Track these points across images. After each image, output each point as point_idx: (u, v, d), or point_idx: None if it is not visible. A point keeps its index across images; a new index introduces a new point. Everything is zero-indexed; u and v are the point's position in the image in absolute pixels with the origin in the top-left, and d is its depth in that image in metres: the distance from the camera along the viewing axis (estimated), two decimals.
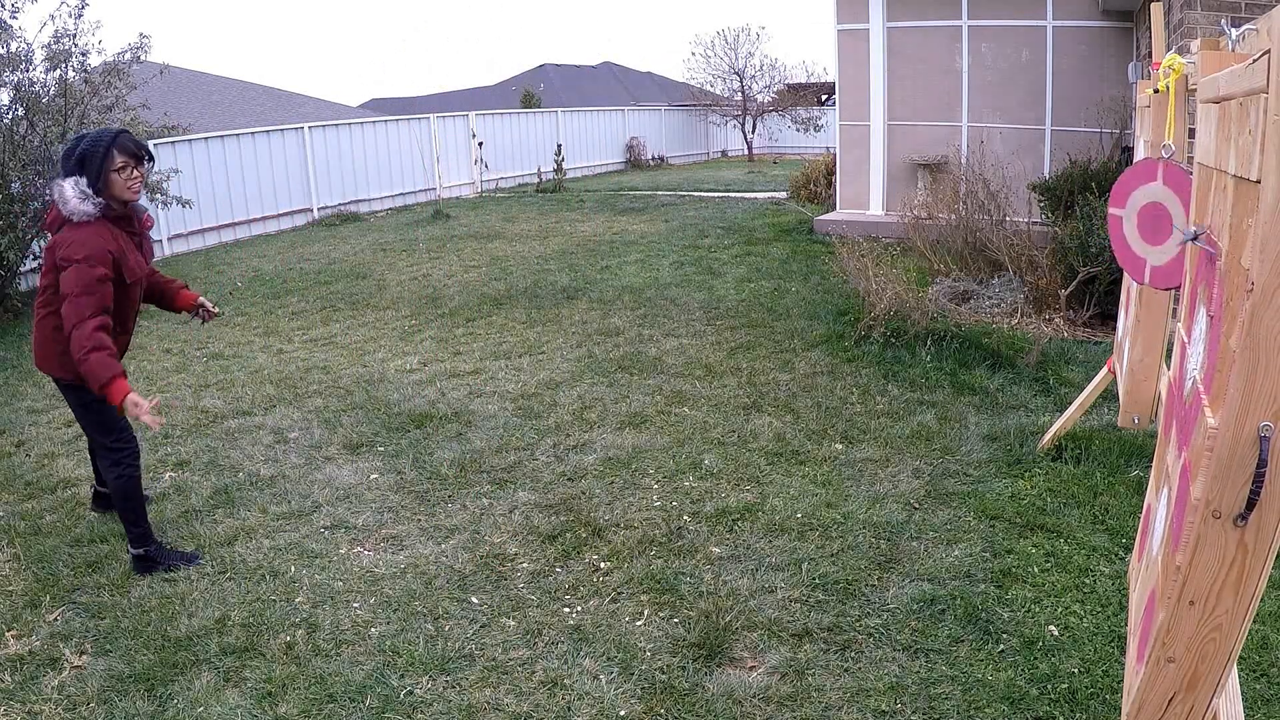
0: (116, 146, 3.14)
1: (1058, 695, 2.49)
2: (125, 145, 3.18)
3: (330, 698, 2.65)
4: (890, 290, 5.92)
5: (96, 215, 3.14)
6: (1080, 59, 9.18)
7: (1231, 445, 1.32)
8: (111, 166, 3.14)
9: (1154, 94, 3.11)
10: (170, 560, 3.46)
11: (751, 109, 25.30)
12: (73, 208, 3.10)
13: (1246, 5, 5.19)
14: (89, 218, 3.12)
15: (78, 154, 3.13)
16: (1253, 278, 1.26)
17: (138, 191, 3.26)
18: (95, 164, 3.11)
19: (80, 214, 3.10)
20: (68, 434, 5.03)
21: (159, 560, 3.44)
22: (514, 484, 4.08)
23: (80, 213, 3.10)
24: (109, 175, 3.14)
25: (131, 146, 3.20)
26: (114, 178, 3.16)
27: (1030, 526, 3.44)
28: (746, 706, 2.53)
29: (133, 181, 3.21)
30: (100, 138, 3.15)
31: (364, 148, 15.23)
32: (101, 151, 3.11)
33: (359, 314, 7.56)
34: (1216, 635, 1.44)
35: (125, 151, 3.17)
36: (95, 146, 3.12)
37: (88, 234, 3.12)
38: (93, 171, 3.12)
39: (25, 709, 2.67)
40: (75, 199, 3.09)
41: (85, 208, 3.10)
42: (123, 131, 3.22)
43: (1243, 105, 1.47)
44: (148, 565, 3.42)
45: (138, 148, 3.23)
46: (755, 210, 12.82)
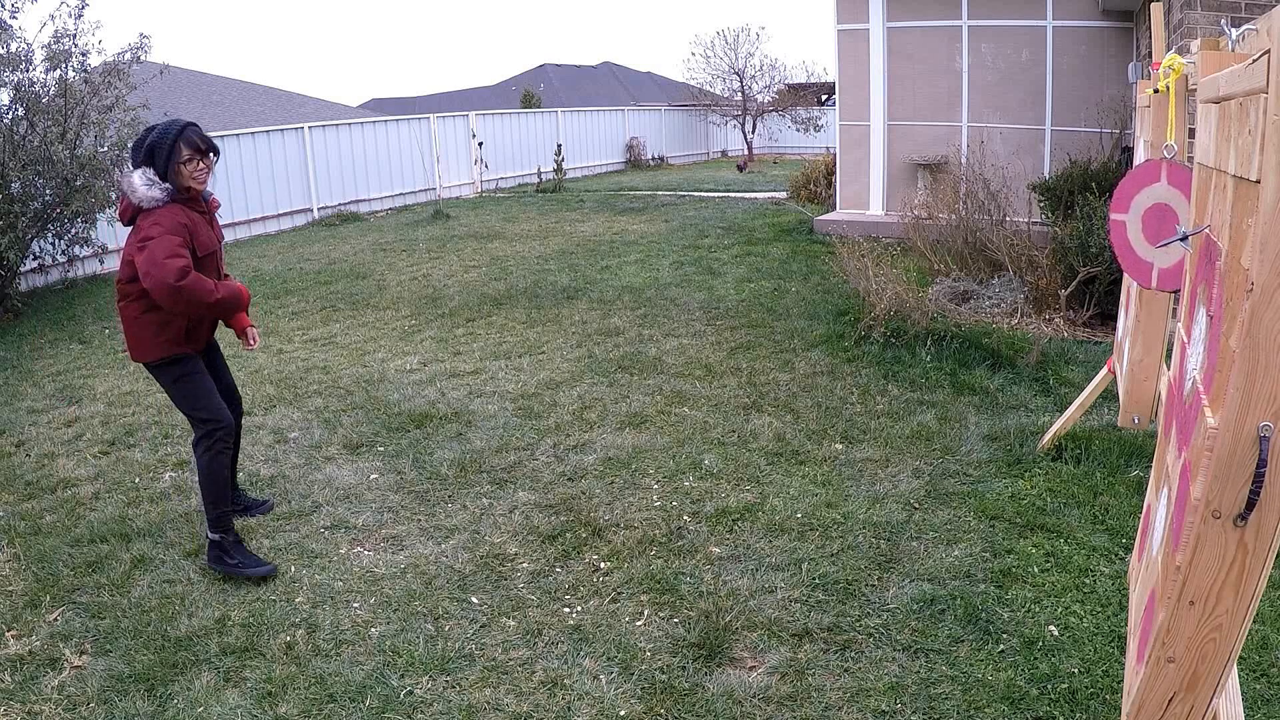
0: (183, 140, 3.28)
1: (1058, 695, 2.49)
2: (191, 139, 3.31)
3: (330, 698, 2.65)
4: (890, 290, 5.92)
5: (165, 200, 3.27)
6: (1080, 59, 9.18)
7: (1231, 445, 1.32)
8: (179, 159, 3.28)
9: (1154, 94, 3.11)
10: (242, 558, 3.41)
11: (751, 109, 25.30)
12: (141, 195, 3.24)
13: (1246, 5, 5.19)
14: (158, 202, 3.26)
15: (146, 145, 3.28)
16: (1253, 278, 1.26)
17: (203, 182, 3.40)
18: (163, 155, 3.26)
19: (150, 200, 3.24)
20: (68, 434, 5.03)
21: (230, 553, 3.41)
22: (514, 484, 4.07)
23: (149, 199, 3.24)
24: (176, 166, 3.28)
25: (197, 139, 3.33)
26: (180, 169, 3.29)
27: (1030, 526, 3.44)
28: (746, 706, 2.53)
29: (198, 173, 3.35)
30: (168, 130, 3.29)
31: (364, 148, 15.22)
32: (169, 144, 3.26)
33: (359, 314, 7.56)
34: (1216, 635, 1.44)
35: (191, 145, 3.30)
36: (163, 139, 3.26)
37: (160, 214, 3.26)
38: (160, 162, 3.26)
39: (25, 709, 2.67)
40: (143, 187, 3.24)
41: (154, 193, 3.24)
42: (190, 125, 3.36)
43: (1243, 105, 1.47)
44: (219, 555, 3.40)
45: (203, 141, 3.35)
46: (755, 210, 12.82)
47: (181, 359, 3.45)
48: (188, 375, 3.44)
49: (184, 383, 3.45)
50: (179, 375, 3.44)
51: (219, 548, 3.41)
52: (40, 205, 8.53)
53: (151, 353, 3.41)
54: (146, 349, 3.41)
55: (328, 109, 22.40)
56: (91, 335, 7.38)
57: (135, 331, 3.41)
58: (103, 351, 6.82)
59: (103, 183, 8.77)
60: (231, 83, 22.82)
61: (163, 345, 3.40)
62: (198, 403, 3.44)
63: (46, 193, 8.51)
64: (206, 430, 3.42)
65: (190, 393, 3.45)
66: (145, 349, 3.42)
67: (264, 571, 3.37)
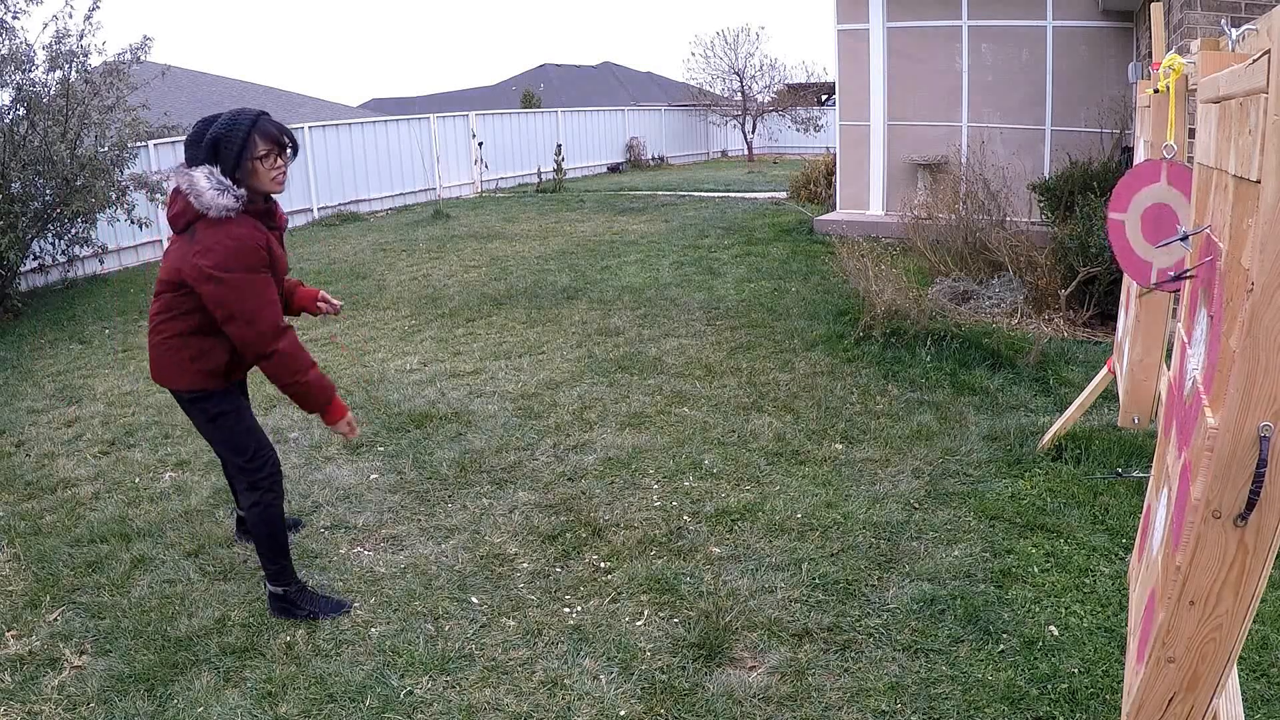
0: (258, 131, 2.66)
1: (1058, 695, 2.49)
2: (267, 130, 2.69)
3: (330, 698, 2.65)
4: (890, 290, 5.92)
5: (239, 209, 2.66)
6: (1080, 59, 9.17)
7: (1231, 445, 1.32)
8: (253, 154, 2.66)
9: (1154, 94, 3.11)
10: (313, 606, 3.04)
11: (751, 109, 25.29)
12: (209, 201, 2.61)
13: (1246, 5, 5.19)
14: (230, 212, 2.64)
15: (210, 138, 2.64)
16: (1253, 278, 1.26)
17: (283, 184, 2.78)
18: (233, 151, 2.63)
19: (219, 209, 2.61)
20: (68, 434, 5.03)
21: (299, 604, 3.03)
22: (514, 484, 4.07)
23: (220, 207, 2.61)
24: (250, 164, 2.67)
25: (274, 131, 2.71)
26: (256, 166, 2.68)
27: (1030, 526, 3.44)
28: (746, 706, 2.53)
29: (277, 172, 2.74)
30: (238, 120, 2.66)
31: (364, 148, 15.23)
32: (241, 136, 2.63)
33: (359, 314, 7.56)
34: (1216, 635, 1.44)
35: (268, 137, 2.68)
36: (233, 130, 2.63)
37: (237, 232, 2.65)
38: (230, 159, 2.63)
39: (25, 709, 2.67)
40: (212, 191, 2.60)
41: (225, 201, 2.62)
42: (262, 113, 2.73)
43: (1243, 105, 1.47)
44: (286, 608, 3.02)
45: (281, 132, 2.74)
46: (755, 210, 12.82)
47: (219, 394, 2.91)
48: (227, 413, 2.91)
49: (223, 422, 2.92)
50: (217, 414, 2.91)
51: (285, 600, 3.03)
52: (40, 205, 8.53)
53: (180, 381, 2.88)
54: (176, 375, 2.87)
55: (327, 109, 22.41)
56: (91, 335, 7.38)
57: (166, 354, 2.86)
58: (103, 351, 6.82)
59: (103, 183, 8.77)
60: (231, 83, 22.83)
61: (196, 375, 2.85)
62: (241, 447, 2.92)
63: (47, 193, 8.51)
64: (253, 480, 2.92)
65: (231, 432, 2.93)
66: (174, 375, 2.88)
67: (341, 611, 3.05)
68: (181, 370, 2.86)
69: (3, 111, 8.35)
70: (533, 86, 32.46)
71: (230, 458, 3.00)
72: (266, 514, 2.96)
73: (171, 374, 2.89)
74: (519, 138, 18.99)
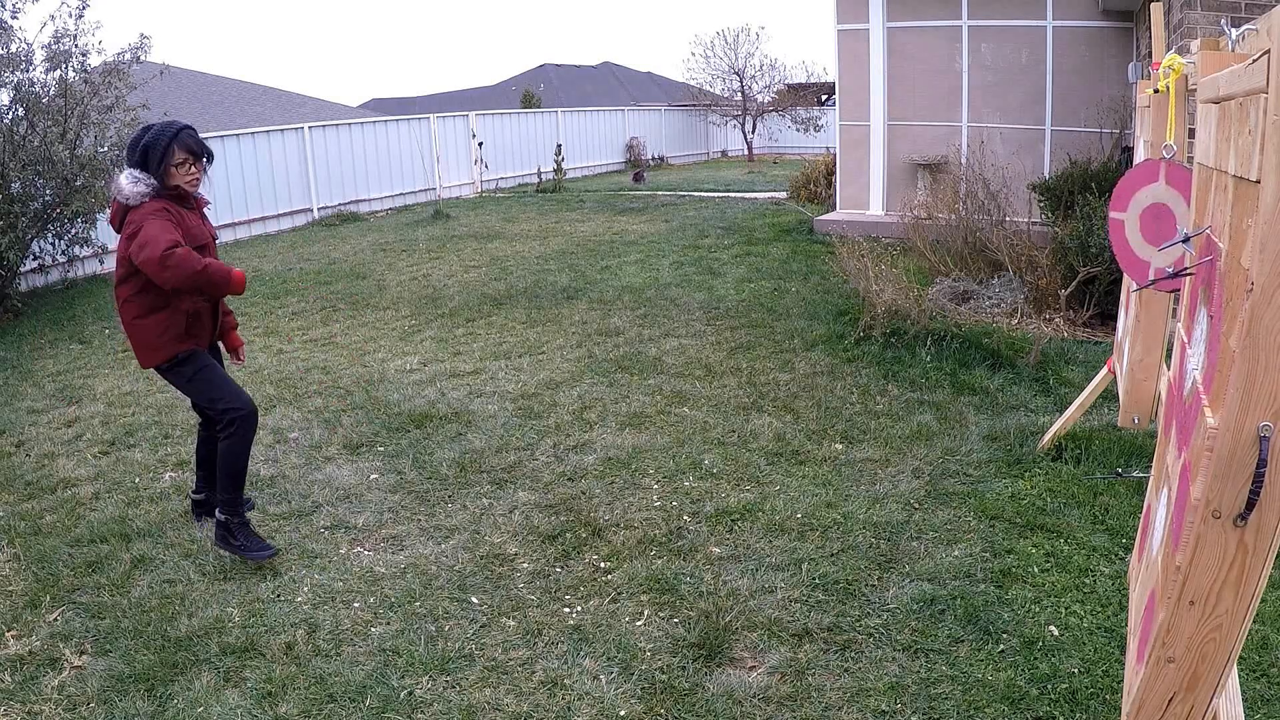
0: (178, 143, 3.30)
1: (1058, 695, 2.49)
2: (186, 142, 3.32)
3: (330, 698, 2.65)
4: (890, 290, 5.92)
5: (150, 195, 3.28)
6: (1080, 59, 9.18)
7: (1231, 445, 1.32)
8: (172, 161, 3.29)
9: (1154, 94, 3.11)
10: (246, 542, 3.46)
11: (751, 109, 25.29)
12: (128, 192, 3.25)
13: (1246, 5, 5.19)
14: (145, 198, 3.27)
15: (141, 145, 3.29)
16: (1253, 278, 1.26)
17: (195, 186, 3.42)
18: (156, 156, 3.27)
19: (136, 196, 3.25)
20: (68, 434, 5.03)
21: (236, 536, 3.46)
22: (514, 484, 4.07)
23: (135, 195, 3.25)
24: (169, 169, 3.30)
25: (191, 143, 3.33)
26: (173, 171, 3.31)
27: (1030, 526, 3.44)
28: (746, 706, 2.53)
29: (190, 176, 3.37)
30: (164, 131, 3.30)
31: (364, 148, 15.23)
32: (164, 145, 3.27)
33: (359, 314, 7.56)
34: (1216, 635, 1.44)
35: (185, 148, 3.32)
36: (158, 140, 3.28)
37: (146, 207, 3.26)
38: (154, 163, 3.28)
39: (25, 709, 2.67)
40: (129, 184, 3.25)
41: (139, 189, 3.26)
42: (186, 127, 3.36)
43: (1243, 105, 1.47)
44: (224, 535, 3.46)
45: (198, 145, 3.36)
46: (755, 210, 12.82)
47: (191, 356, 3.45)
48: (201, 369, 3.46)
49: (200, 377, 3.46)
50: (193, 372, 3.46)
51: (226, 528, 3.46)
52: (40, 205, 8.53)
53: (159, 355, 3.41)
54: (153, 352, 3.42)
55: (327, 109, 22.39)
56: (91, 335, 7.38)
57: (139, 336, 3.41)
58: (103, 351, 6.82)
59: (103, 183, 8.77)
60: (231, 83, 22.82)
61: (168, 344, 3.40)
62: (217, 393, 3.46)
63: (46, 193, 8.52)
64: (230, 418, 3.42)
65: (208, 385, 3.46)
66: (152, 352, 3.42)
67: (265, 555, 3.43)
68: (153, 347, 3.41)
69: (2, 112, 8.35)
70: (533, 86, 32.45)
71: (210, 406, 3.49)
72: (235, 447, 3.44)
73: (148, 355, 3.42)
74: (519, 138, 18.98)
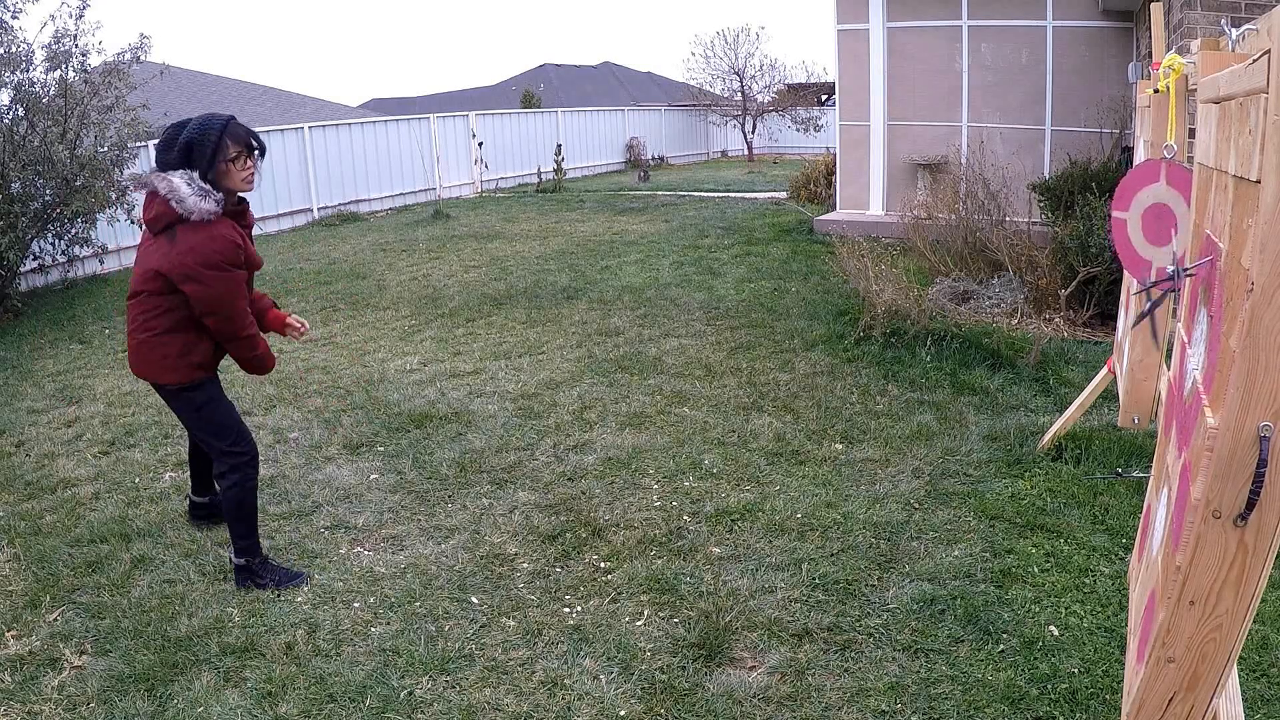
0: (229, 134, 2.84)
1: (1058, 695, 2.49)
2: (237, 133, 2.87)
3: (330, 698, 2.65)
4: (890, 290, 5.92)
5: (218, 213, 2.84)
6: (1080, 59, 9.18)
7: (1231, 445, 1.32)
8: (225, 156, 2.83)
9: (1154, 94, 3.11)
10: (273, 577, 3.23)
11: (751, 109, 25.29)
12: (191, 206, 2.78)
13: (1246, 5, 5.19)
14: (210, 216, 2.81)
15: (182, 143, 2.81)
16: (1253, 278, 1.26)
17: (253, 183, 2.96)
18: (206, 154, 2.80)
19: (202, 213, 2.79)
20: (68, 434, 5.03)
21: (261, 575, 3.22)
22: (514, 484, 4.07)
23: (201, 211, 2.79)
24: (224, 166, 2.85)
25: (243, 134, 2.90)
26: (229, 168, 2.86)
27: (1030, 526, 3.44)
28: (746, 706, 2.53)
29: (247, 172, 2.92)
30: (209, 124, 2.83)
31: (364, 148, 15.23)
32: (214, 140, 2.81)
33: (359, 314, 7.56)
34: (1216, 635, 1.44)
35: (238, 140, 2.87)
36: (205, 134, 2.80)
37: (217, 235, 2.83)
38: (203, 162, 2.81)
39: (25, 709, 2.67)
40: (194, 196, 2.78)
41: (206, 205, 2.80)
42: (231, 118, 2.91)
43: (1243, 105, 1.47)
44: (248, 577, 3.22)
45: (249, 135, 2.93)
46: (755, 210, 12.82)
47: (204, 383, 3.11)
48: (212, 401, 3.12)
49: (209, 409, 3.13)
50: (203, 402, 3.11)
51: (248, 571, 3.22)
52: (40, 205, 8.53)
53: (173, 375, 3.04)
54: (166, 370, 3.04)
55: (328, 109, 22.41)
56: (91, 335, 7.38)
57: (153, 351, 3.01)
58: (103, 351, 6.82)
59: (102, 183, 8.77)
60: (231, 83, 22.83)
61: (187, 368, 3.04)
62: (225, 432, 3.12)
63: (46, 193, 8.51)
64: (232, 463, 3.13)
65: (217, 421, 3.13)
66: (164, 370, 3.04)
67: (299, 582, 3.25)
68: (169, 366, 3.05)
69: (2, 112, 8.35)
70: (533, 86, 32.45)
71: (214, 443, 3.18)
72: (242, 494, 3.17)
73: (158, 369, 3.07)
74: (519, 138, 18.98)
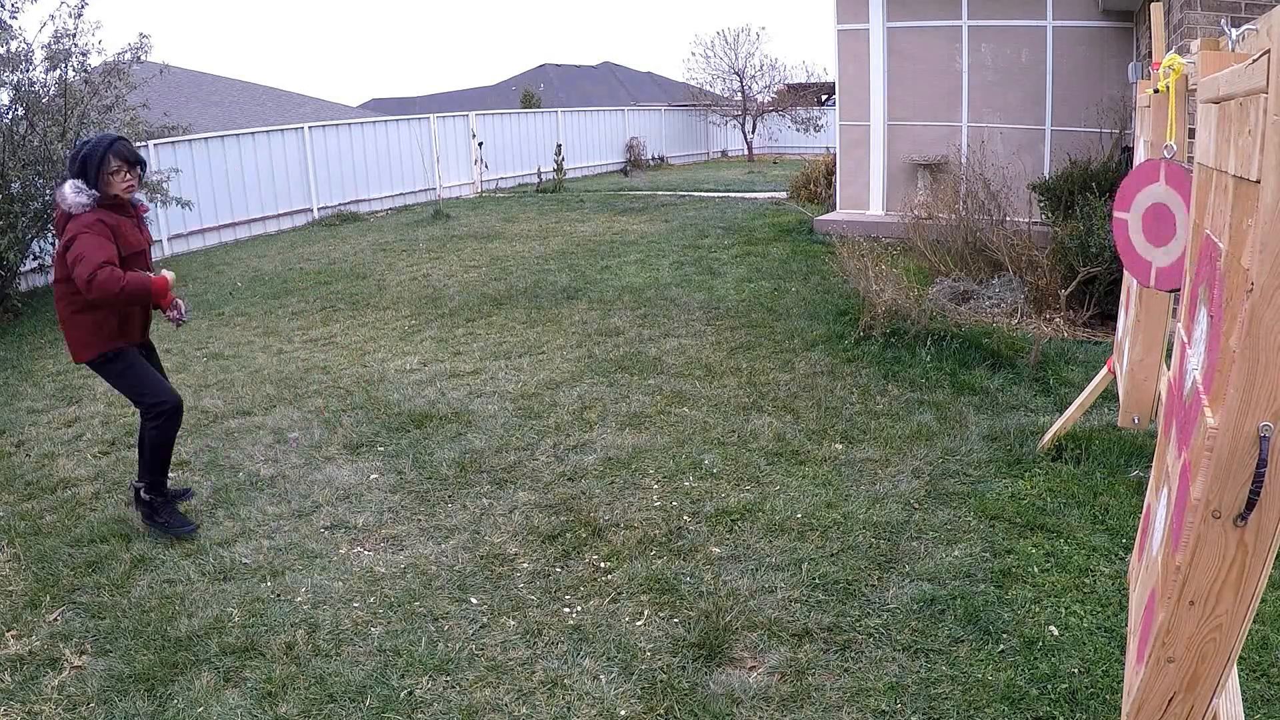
0: (112, 152, 3.52)
1: (1058, 695, 2.49)
2: (120, 151, 3.55)
3: (330, 698, 2.65)
4: (890, 290, 5.92)
5: (91, 205, 3.50)
6: (1080, 59, 9.17)
7: (1231, 445, 1.32)
8: (107, 170, 3.52)
9: (1154, 94, 3.11)
10: (169, 519, 3.76)
11: (751, 109, 25.29)
12: (70, 202, 3.49)
13: (1246, 5, 5.19)
14: (85, 208, 3.49)
15: (79, 157, 3.53)
16: (1253, 278, 1.26)
17: (131, 192, 3.65)
18: (93, 166, 3.50)
19: (77, 205, 3.48)
20: (67, 434, 5.03)
21: (159, 512, 3.76)
22: (514, 484, 4.07)
23: (77, 204, 3.48)
24: (105, 176, 3.52)
25: (125, 152, 3.57)
26: (110, 179, 3.53)
27: (1030, 526, 3.44)
28: (746, 706, 2.53)
29: (126, 184, 3.59)
30: (99, 143, 3.53)
31: (364, 148, 15.23)
32: (99, 155, 3.50)
33: (359, 314, 7.56)
34: (1216, 635, 1.44)
35: (119, 156, 3.55)
36: (94, 151, 3.51)
37: (86, 218, 3.48)
38: (90, 174, 3.50)
39: (25, 709, 2.67)
40: (71, 194, 3.49)
41: (80, 199, 3.48)
42: (119, 139, 3.60)
43: (1243, 105, 1.47)
44: (149, 512, 3.76)
45: (131, 154, 3.60)
46: (755, 210, 12.82)
47: (120, 354, 3.67)
48: (129, 366, 3.70)
49: (128, 374, 3.70)
50: (122, 369, 3.69)
51: (150, 506, 3.76)
52: (40, 205, 8.53)
53: (89, 351, 3.63)
54: (85, 348, 3.63)
55: (328, 109, 22.40)
56: None
57: (72, 332, 3.64)
58: None
59: None
60: (231, 83, 22.82)
61: (99, 342, 3.62)
62: (143, 388, 3.71)
63: (46, 193, 8.51)
64: (156, 410, 3.69)
65: (135, 381, 3.71)
66: (84, 347, 3.63)
67: (187, 530, 3.73)
68: (86, 342, 3.63)
69: (2, 112, 8.35)
70: (533, 86, 32.45)
71: (138, 400, 3.75)
72: (160, 437, 3.73)
73: (80, 349, 3.64)
74: (519, 138, 18.98)
